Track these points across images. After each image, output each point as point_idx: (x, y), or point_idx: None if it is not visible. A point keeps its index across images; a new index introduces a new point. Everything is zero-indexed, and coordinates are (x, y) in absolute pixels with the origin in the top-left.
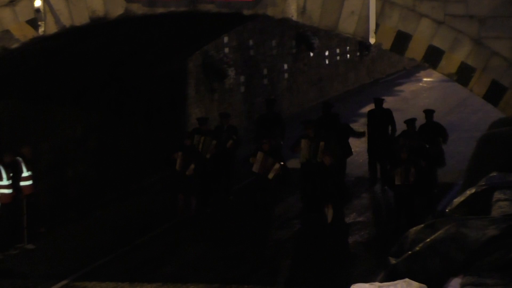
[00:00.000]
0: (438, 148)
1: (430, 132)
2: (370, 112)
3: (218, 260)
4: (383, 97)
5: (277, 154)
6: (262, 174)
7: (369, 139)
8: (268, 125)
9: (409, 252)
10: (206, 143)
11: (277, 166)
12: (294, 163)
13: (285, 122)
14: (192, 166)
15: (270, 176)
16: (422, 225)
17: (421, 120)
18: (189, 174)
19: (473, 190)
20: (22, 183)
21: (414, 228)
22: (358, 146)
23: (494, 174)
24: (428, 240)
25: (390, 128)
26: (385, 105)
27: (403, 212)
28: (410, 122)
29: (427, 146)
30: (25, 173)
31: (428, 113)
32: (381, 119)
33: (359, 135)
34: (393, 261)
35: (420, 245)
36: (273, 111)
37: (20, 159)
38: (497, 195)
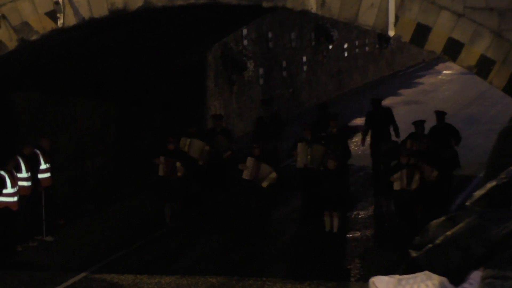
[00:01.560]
0: (451, 151)
1: (441, 134)
2: (369, 113)
3: (236, 253)
4: (380, 97)
5: (272, 158)
6: (254, 181)
7: (372, 142)
8: (265, 126)
9: (430, 245)
10: (193, 146)
11: (273, 175)
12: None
13: (284, 122)
14: (179, 164)
15: (264, 184)
16: (443, 218)
17: (432, 121)
18: (178, 176)
19: (493, 183)
20: (41, 176)
21: (435, 221)
22: (360, 148)
23: None
24: (449, 233)
25: (392, 128)
26: (404, 98)
27: (404, 221)
28: (419, 124)
29: (438, 149)
30: (43, 166)
31: (439, 114)
32: (381, 119)
33: (362, 130)
34: (413, 253)
35: (441, 238)
36: (270, 111)
37: (38, 151)
38: None
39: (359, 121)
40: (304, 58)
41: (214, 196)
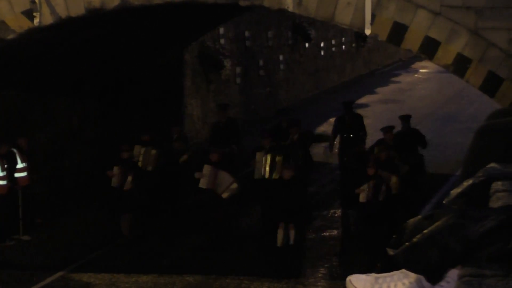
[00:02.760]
0: (417, 157)
1: (407, 140)
2: (339, 118)
3: (215, 252)
4: (352, 101)
5: (230, 166)
6: (212, 190)
7: (340, 148)
8: (221, 133)
9: (407, 243)
10: (147, 155)
11: (234, 185)
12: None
13: (241, 128)
14: (130, 179)
15: (225, 195)
16: (420, 216)
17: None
18: (127, 189)
19: (470, 181)
20: (17, 175)
21: (413, 219)
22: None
23: (492, 165)
24: (426, 231)
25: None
26: (381, 97)
27: (371, 234)
28: (387, 129)
29: (400, 156)
30: (20, 165)
31: (404, 119)
32: (351, 125)
33: (326, 139)
34: (391, 252)
35: (418, 236)
36: (226, 117)
37: (15, 150)
38: (495, 186)
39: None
40: (281, 57)
41: (169, 206)
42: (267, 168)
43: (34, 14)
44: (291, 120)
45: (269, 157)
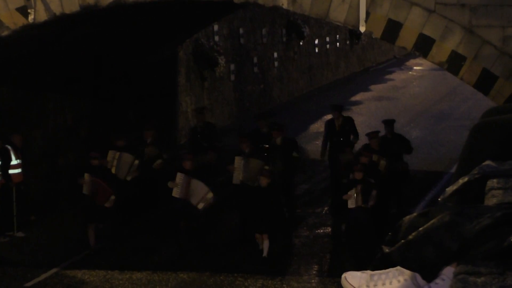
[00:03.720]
0: (402, 163)
1: (391, 145)
2: (328, 122)
3: (209, 249)
4: (340, 104)
5: (207, 173)
6: (186, 199)
7: (331, 153)
8: (198, 137)
9: (402, 241)
10: (122, 161)
11: (209, 195)
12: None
13: (219, 133)
14: (113, 197)
15: (200, 206)
16: (416, 214)
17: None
18: (109, 206)
19: (465, 179)
20: (12, 171)
21: (408, 216)
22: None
23: (488, 163)
24: (422, 228)
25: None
26: (375, 94)
27: (361, 242)
28: (372, 135)
29: (386, 163)
30: (14, 161)
31: (388, 124)
32: (342, 129)
33: (296, 158)
34: (386, 249)
35: (414, 233)
36: (203, 121)
37: (9, 147)
38: (490, 183)
39: (331, 117)
40: (275, 54)
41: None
42: (244, 173)
43: (29, 10)
44: (273, 123)
45: (246, 162)
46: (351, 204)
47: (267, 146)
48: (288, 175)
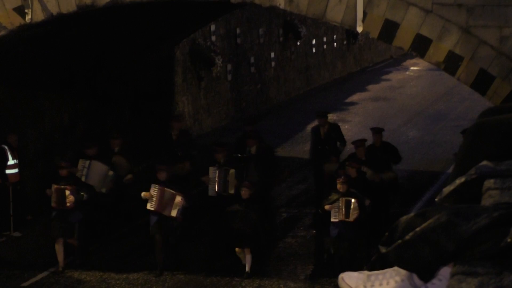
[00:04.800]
0: (391, 173)
1: (378, 154)
2: (313, 129)
3: (206, 250)
4: (325, 110)
5: (182, 182)
6: (161, 212)
7: (315, 163)
8: (172, 145)
9: (399, 241)
10: (92, 170)
11: (178, 199)
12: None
13: (195, 141)
14: (67, 192)
15: (173, 213)
16: (413, 214)
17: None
18: (70, 206)
19: (463, 179)
20: (8, 171)
21: (405, 216)
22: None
23: (485, 163)
24: (419, 229)
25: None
26: (371, 94)
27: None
28: (359, 143)
29: (374, 173)
30: (11, 161)
31: (376, 131)
32: (327, 136)
33: (279, 176)
34: (383, 249)
35: (411, 234)
36: (179, 129)
37: (5, 147)
38: (487, 184)
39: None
40: (272, 54)
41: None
42: (219, 184)
43: (26, 10)
44: (249, 131)
45: (221, 172)
46: (334, 217)
47: (241, 155)
48: (264, 186)
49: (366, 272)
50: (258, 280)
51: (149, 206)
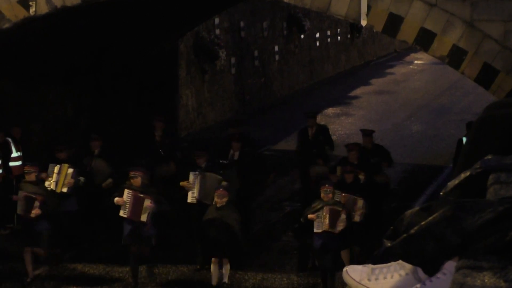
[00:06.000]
0: (382, 177)
1: (370, 157)
2: (301, 131)
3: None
4: (315, 111)
5: (165, 186)
6: (134, 219)
7: (302, 166)
8: (156, 147)
9: (404, 235)
10: (63, 175)
11: (147, 203)
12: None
13: (176, 142)
14: (37, 202)
15: (143, 218)
16: (417, 208)
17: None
18: (35, 215)
19: (468, 173)
20: (12, 164)
21: (410, 210)
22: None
23: (490, 157)
24: (423, 223)
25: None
26: (375, 88)
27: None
28: (352, 147)
29: (366, 177)
30: (15, 154)
31: (366, 133)
32: (315, 139)
33: (265, 181)
34: (388, 243)
35: (415, 227)
36: (163, 128)
37: (10, 139)
38: (492, 178)
39: (331, 111)
40: (276, 48)
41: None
42: (198, 191)
43: (30, 3)
44: (233, 134)
45: (206, 178)
46: (317, 228)
47: (223, 160)
48: (246, 193)
49: (370, 266)
50: (261, 274)
51: (121, 213)
